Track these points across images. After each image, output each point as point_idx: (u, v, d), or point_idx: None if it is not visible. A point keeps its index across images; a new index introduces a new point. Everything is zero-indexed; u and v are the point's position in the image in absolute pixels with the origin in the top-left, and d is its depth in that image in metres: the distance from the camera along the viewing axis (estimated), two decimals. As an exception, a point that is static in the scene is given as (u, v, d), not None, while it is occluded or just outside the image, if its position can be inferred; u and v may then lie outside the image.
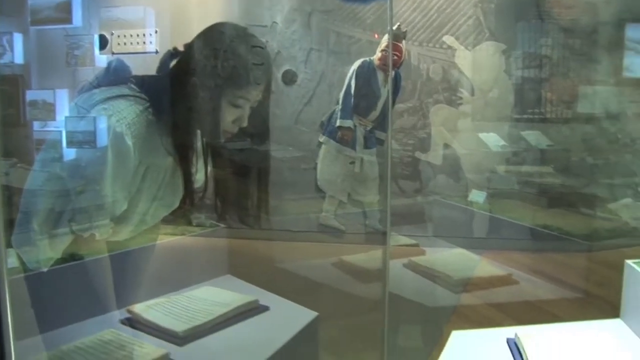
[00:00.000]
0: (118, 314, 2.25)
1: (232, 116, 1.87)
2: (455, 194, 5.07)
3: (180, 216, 2.18)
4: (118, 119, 1.72)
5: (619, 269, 2.22)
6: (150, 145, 1.79)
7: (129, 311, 2.27)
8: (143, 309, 2.29)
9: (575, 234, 4.50)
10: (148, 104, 1.80)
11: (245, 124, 1.89)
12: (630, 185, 5.14)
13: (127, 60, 1.99)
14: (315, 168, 4.56)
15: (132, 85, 1.84)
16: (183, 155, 1.87)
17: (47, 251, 1.81)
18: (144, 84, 1.85)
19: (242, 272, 2.76)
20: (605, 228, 4.75)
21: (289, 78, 5.32)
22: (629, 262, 2.17)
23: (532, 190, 5.22)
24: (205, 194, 2.00)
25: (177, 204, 2.00)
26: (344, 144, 4.42)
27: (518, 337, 1.99)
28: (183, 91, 1.82)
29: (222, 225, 2.55)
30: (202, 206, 2.08)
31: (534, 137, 5.29)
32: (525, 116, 5.37)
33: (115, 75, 1.91)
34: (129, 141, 1.72)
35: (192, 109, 1.84)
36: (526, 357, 1.87)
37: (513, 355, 1.96)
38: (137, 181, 1.82)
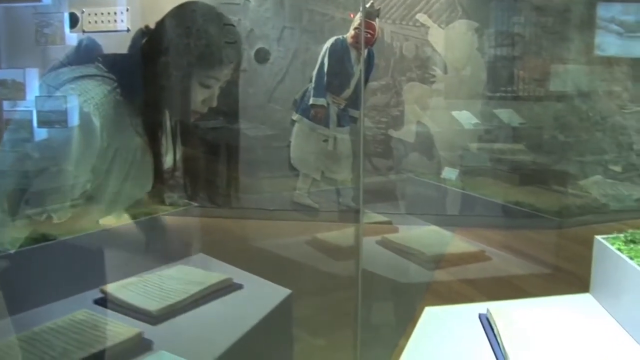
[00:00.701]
0: (91, 294, 2.24)
1: (202, 96, 1.85)
2: (428, 171, 5.10)
3: (154, 196, 2.17)
4: (85, 99, 1.69)
5: (588, 244, 2.25)
6: (119, 126, 1.77)
7: (102, 291, 2.26)
8: (116, 288, 2.27)
9: (546, 211, 4.55)
10: (116, 84, 1.77)
11: (214, 104, 1.88)
12: (600, 163, 5.20)
13: (99, 38, 1.96)
14: (288, 146, 4.55)
15: (100, 65, 1.81)
16: (152, 136, 1.86)
17: (12, 232, 1.79)
18: (113, 63, 1.83)
19: (215, 251, 2.75)
20: (576, 204, 4.81)
21: (262, 56, 5.30)
22: (599, 237, 2.20)
23: (504, 167, 5.26)
24: (176, 174, 1.99)
25: (151, 184, 1.99)
26: (317, 122, 4.41)
27: (490, 313, 2.01)
28: (153, 71, 1.80)
29: (195, 204, 2.54)
30: (175, 185, 2.07)
31: (506, 114, 5.32)
32: (497, 94, 5.40)
33: (86, 53, 1.89)
34: (97, 122, 1.70)
35: (162, 88, 1.83)
36: (498, 332, 1.89)
37: (485, 331, 1.98)
38: (107, 162, 1.80)
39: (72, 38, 3.30)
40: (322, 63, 4.45)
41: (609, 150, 5.22)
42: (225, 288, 2.39)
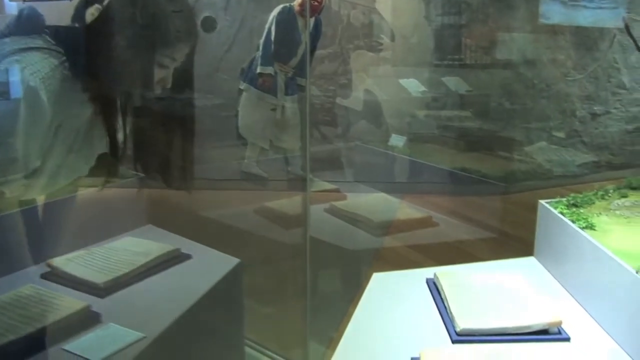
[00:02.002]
0: (38, 269, 2.21)
1: (157, 76, 1.80)
2: (376, 138, 5.12)
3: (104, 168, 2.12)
4: (32, 72, 1.63)
5: (533, 209, 2.30)
6: (65, 101, 1.72)
7: (49, 265, 2.23)
8: (63, 262, 2.25)
9: (492, 177, 4.62)
10: (64, 58, 1.72)
11: (169, 85, 1.83)
12: (545, 129, 5.30)
13: (40, 7, 1.90)
14: (236, 115, 4.52)
15: (47, 37, 1.75)
16: (102, 112, 1.81)
17: None
18: (60, 35, 1.77)
19: (163, 222, 2.73)
20: (521, 170, 4.90)
21: (209, 25, 5.22)
22: (542, 202, 2.25)
23: (451, 134, 5.31)
24: (126, 148, 1.94)
25: (95, 157, 1.94)
26: (265, 90, 4.38)
27: (437, 277, 2.05)
28: (101, 44, 1.75)
29: (142, 175, 2.51)
30: (124, 157, 2.03)
31: (453, 82, 5.36)
32: (445, 62, 5.43)
33: (28, 23, 1.82)
34: (44, 96, 1.64)
35: (112, 63, 1.77)
36: (445, 296, 1.92)
37: (432, 294, 2.01)
38: (50, 138, 1.75)
39: (11, 7, 3.20)
40: (269, 31, 4.41)
41: (553, 117, 5.32)
42: (174, 259, 2.38)
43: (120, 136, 1.88)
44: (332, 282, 3.26)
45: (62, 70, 1.70)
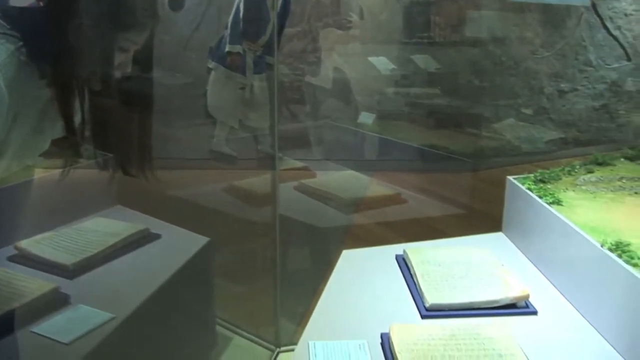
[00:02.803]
0: (5, 252, 2.19)
1: (117, 60, 1.77)
2: (346, 116, 5.11)
3: (66, 149, 2.08)
4: None
5: (502, 185, 2.32)
6: (22, 90, 1.67)
7: (17, 247, 2.21)
8: (31, 244, 2.23)
9: (461, 153, 4.65)
10: (21, 43, 1.66)
11: (129, 69, 1.79)
12: (513, 106, 5.33)
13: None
14: (205, 94, 4.48)
15: (1, 21, 1.69)
16: (58, 96, 1.76)
17: None
18: (16, 18, 1.71)
19: (132, 202, 2.72)
20: (490, 147, 4.93)
21: (177, 3, 5.16)
22: (510, 178, 2.27)
23: (421, 111, 5.32)
24: (83, 134, 1.90)
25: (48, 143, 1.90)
26: (234, 69, 4.35)
27: (406, 253, 2.06)
28: (64, 18, 1.70)
29: (111, 155, 2.49)
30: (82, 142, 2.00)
31: (422, 60, 5.36)
32: (414, 40, 5.43)
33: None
34: (1, 84, 1.59)
35: (74, 40, 1.73)
36: (414, 272, 1.94)
37: (402, 271, 2.03)
38: (6, 129, 1.71)
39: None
40: (237, 9, 4.37)
41: (522, 94, 5.35)
42: (143, 238, 2.37)
43: (77, 120, 1.84)
44: (302, 260, 3.27)
45: (19, 56, 1.64)
